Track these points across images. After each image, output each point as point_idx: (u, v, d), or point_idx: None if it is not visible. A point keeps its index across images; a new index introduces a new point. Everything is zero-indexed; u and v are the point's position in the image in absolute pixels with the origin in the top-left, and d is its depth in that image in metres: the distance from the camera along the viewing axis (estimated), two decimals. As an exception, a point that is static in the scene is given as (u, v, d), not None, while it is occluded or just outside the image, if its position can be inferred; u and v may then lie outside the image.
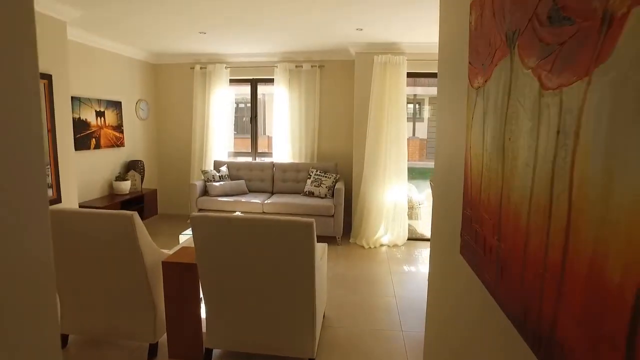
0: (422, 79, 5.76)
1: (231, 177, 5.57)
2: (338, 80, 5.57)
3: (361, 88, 5.03)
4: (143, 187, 5.48)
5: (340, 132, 5.68)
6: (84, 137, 4.59)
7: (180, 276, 2.36)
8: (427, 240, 5.31)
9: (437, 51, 1.94)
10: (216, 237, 2.22)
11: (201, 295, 2.41)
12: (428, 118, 15.83)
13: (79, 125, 4.49)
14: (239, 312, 2.35)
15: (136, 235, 2.23)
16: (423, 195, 6.12)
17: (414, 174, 7.94)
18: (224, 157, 5.93)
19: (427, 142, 16.92)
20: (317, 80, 5.53)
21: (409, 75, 4.94)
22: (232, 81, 5.89)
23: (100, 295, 2.45)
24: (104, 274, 2.38)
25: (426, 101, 15.76)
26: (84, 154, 4.64)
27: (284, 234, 2.15)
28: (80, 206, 4.36)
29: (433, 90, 15.89)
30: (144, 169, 5.53)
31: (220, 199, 5.10)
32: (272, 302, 2.30)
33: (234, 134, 6.20)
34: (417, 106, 15.55)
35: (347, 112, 5.58)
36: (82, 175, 4.58)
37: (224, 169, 5.53)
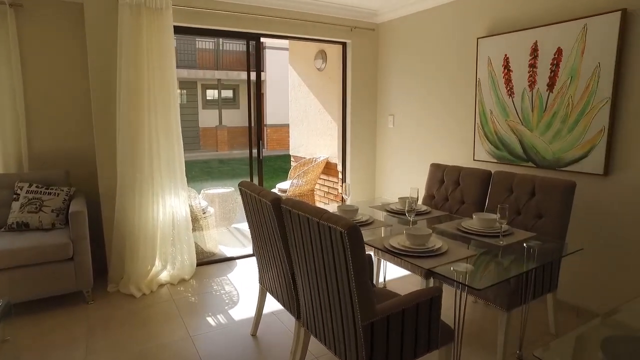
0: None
1: None
2: (55, 33, 3.42)
3: (100, 48, 3.15)
4: None
5: (69, 119, 3.57)
6: None
7: None
8: (221, 260, 3.96)
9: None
10: None
11: None
12: (179, 104, 14.06)
13: None
14: None
15: None
16: (205, 200, 4.68)
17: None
18: None
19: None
20: (13, 30, 3.23)
21: (178, 30, 3.38)
22: None
23: None
24: None
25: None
26: None
27: None
28: None
29: (181, 73, 14.13)
30: None
31: None
32: None
33: None
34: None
35: (78, 85, 3.54)
36: None
37: None
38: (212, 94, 15.16)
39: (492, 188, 2.84)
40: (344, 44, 4.41)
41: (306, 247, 1.77)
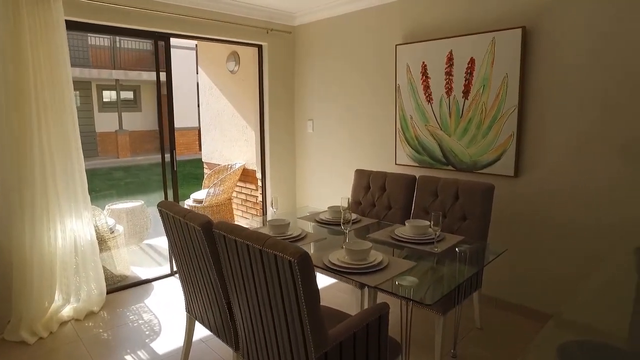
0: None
1: None
2: None
3: (-32, 45, 2.60)
4: None
5: None
6: None
7: None
8: (135, 284, 3.57)
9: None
10: None
11: None
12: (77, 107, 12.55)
13: None
14: None
15: None
16: (111, 217, 4.19)
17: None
18: None
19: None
20: None
21: (75, 26, 2.94)
22: None
23: None
24: None
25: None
26: None
27: None
28: None
29: (73, 72, 12.59)
30: None
31: None
32: None
33: None
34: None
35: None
36: None
37: None
38: (109, 95, 13.84)
39: (417, 192, 2.92)
40: (259, 47, 4.24)
41: (246, 276, 1.60)
